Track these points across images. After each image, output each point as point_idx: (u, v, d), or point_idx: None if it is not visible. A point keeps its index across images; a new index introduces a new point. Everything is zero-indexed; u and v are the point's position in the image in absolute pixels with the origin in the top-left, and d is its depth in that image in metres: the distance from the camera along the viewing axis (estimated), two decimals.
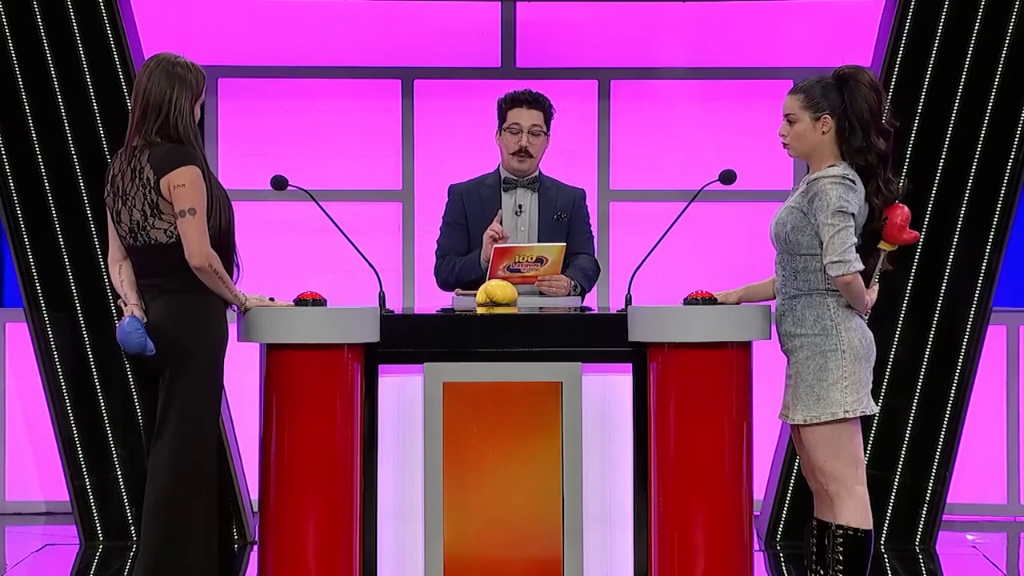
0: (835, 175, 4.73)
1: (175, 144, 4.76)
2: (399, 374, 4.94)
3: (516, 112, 5.80)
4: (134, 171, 4.77)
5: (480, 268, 5.63)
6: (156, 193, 4.74)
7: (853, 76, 4.79)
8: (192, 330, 4.78)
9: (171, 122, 4.77)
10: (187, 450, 4.77)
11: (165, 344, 4.77)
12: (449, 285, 5.78)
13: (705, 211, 7.14)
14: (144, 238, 4.78)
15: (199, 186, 4.74)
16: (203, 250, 4.72)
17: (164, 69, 4.81)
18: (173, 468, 4.77)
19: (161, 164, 4.74)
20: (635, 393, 4.94)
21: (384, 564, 4.95)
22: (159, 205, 4.74)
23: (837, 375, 4.73)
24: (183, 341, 4.77)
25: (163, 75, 4.80)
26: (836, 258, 4.67)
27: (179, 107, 4.78)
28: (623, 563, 4.96)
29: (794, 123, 4.83)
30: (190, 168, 4.73)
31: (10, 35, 6.82)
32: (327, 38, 7.65)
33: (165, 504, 4.77)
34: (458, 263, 5.76)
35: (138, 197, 4.76)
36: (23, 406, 7.60)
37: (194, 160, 4.75)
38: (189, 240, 4.71)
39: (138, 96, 4.82)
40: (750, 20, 7.64)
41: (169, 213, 4.74)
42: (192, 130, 4.80)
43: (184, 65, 4.83)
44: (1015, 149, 6.81)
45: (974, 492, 7.48)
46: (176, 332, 4.77)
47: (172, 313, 4.78)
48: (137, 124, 4.81)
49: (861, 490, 4.80)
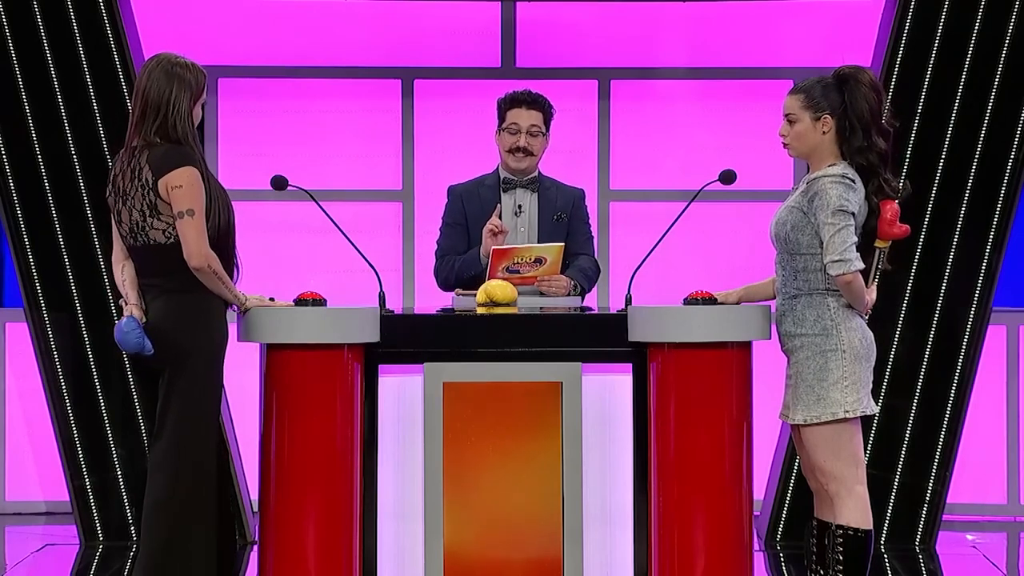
0: (835, 174, 4.73)
1: (173, 145, 4.76)
2: (399, 374, 4.94)
3: (515, 112, 5.80)
4: (133, 172, 4.77)
5: (480, 264, 5.63)
6: (155, 194, 4.74)
7: (853, 76, 4.79)
8: (191, 330, 4.78)
9: (170, 122, 4.77)
10: (186, 450, 4.77)
11: (164, 344, 4.77)
12: (449, 285, 5.78)
13: (705, 211, 7.14)
14: (143, 238, 4.78)
15: (197, 187, 4.74)
16: (202, 251, 4.72)
17: (164, 69, 4.80)
18: (172, 469, 4.77)
19: (159, 165, 4.73)
20: (635, 393, 4.94)
21: (384, 564, 4.95)
22: (157, 206, 4.74)
23: (837, 375, 4.73)
24: (181, 341, 4.77)
25: (162, 75, 4.79)
26: (836, 257, 4.67)
27: (178, 107, 4.78)
28: (623, 563, 4.96)
29: (794, 123, 4.83)
30: (188, 169, 4.73)
31: (10, 35, 6.82)
32: (327, 38, 7.65)
33: (164, 505, 4.77)
34: (457, 262, 5.77)
35: (137, 198, 4.76)
36: (23, 406, 7.60)
37: (192, 161, 4.75)
38: (188, 241, 4.71)
39: (138, 96, 4.81)
40: (750, 20, 7.64)
41: (167, 214, 4.74)
42: (191, 130, 4.80)
43: (184, 65, 4.82)
44: (1015, 149, 6.81)
45: (974, 492, 7.48)
46: (175, 332, 4.77)
47: (171, 313, 4.78)
48: (136, 124, 4.81)
49: (861, 490, 4.80)
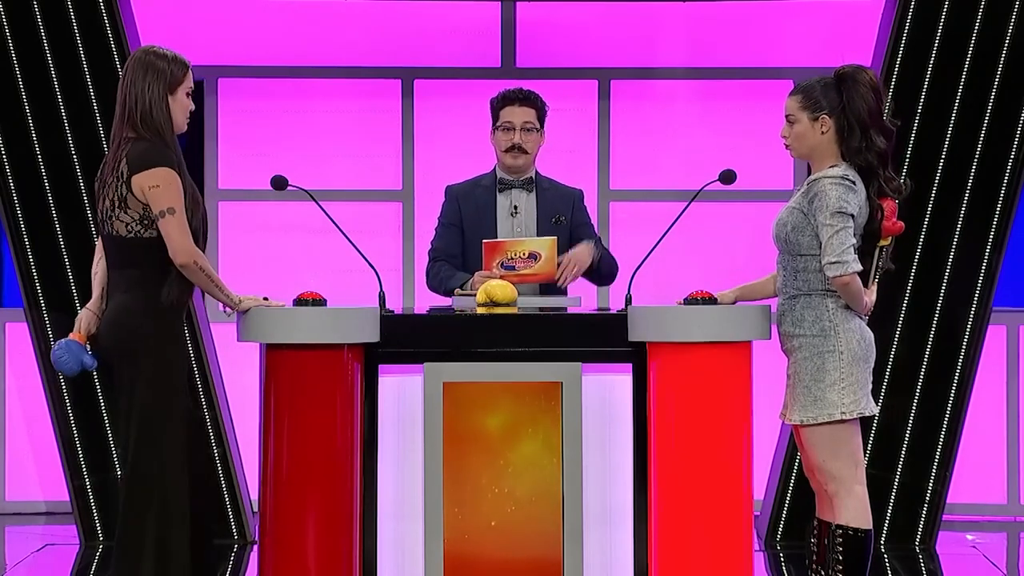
0: (835, 175, 4.73)
1: (152, 141, 4.74)
2: (399, 374, 4.94)
3: (508, 110, 5.79)
4: (115, 162, 4.77)
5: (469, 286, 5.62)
6: (126, 188, 4.72)
7: (852, 76, 4.78)
8: (136, 328, 4.73)
9: (140, 114, 4.74)
10: (137, 452, 4.71)
11: (109, 338, 4.75)
12: (436, 292, 5.78)
13: (705, 211, 7.14)
14: (108, 228, 4.77)
15: (175, 185, 4.71)
16: (186, 247, 4.69)
17: (139, 60, 4.79)
18: (125, 472, 4.76)
19: (136, 162, 4.71)
20: (635, 393, 4.94)
21: (384, 564, 4.95)
22: (127, 200, 4.72)
23: (835, 376, 4.73)
24: (123, 338, 4.72)
25: (138, 67, 4.78)
26: (834, 258, 4.67)
27: (150, 98, 4.75)
28: (623, 563, 4.96)
29: (794, 124, 4.83)
30: (163, 169, 4.70)
31: (10, 35, 6.82)
32: (327, 38, 7.65)
33: (121, 511, 4.74)
34: (448, 279, 5.73)
35: (111, 187, 4.75)
36: (23, 406, 7.60)
37: (167, 161, 4.72)
38: (171, 239, 4.69)
39: (120, 89, 4.82)
40: (750, 20, 7.64)
41: (134, 209, 4.72)
42: (165, 124, 4.76)
43: (159, 55, 4.79)
44: (1015, 149, 6.81)
45: (974, 492, 7.48)
46: (120, 329, 4.74)
47: (120, 309, 4.75)
48: (118, 116, 4.81)
49: (860, 490, 4.80)
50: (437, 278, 5.78)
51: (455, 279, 5.68)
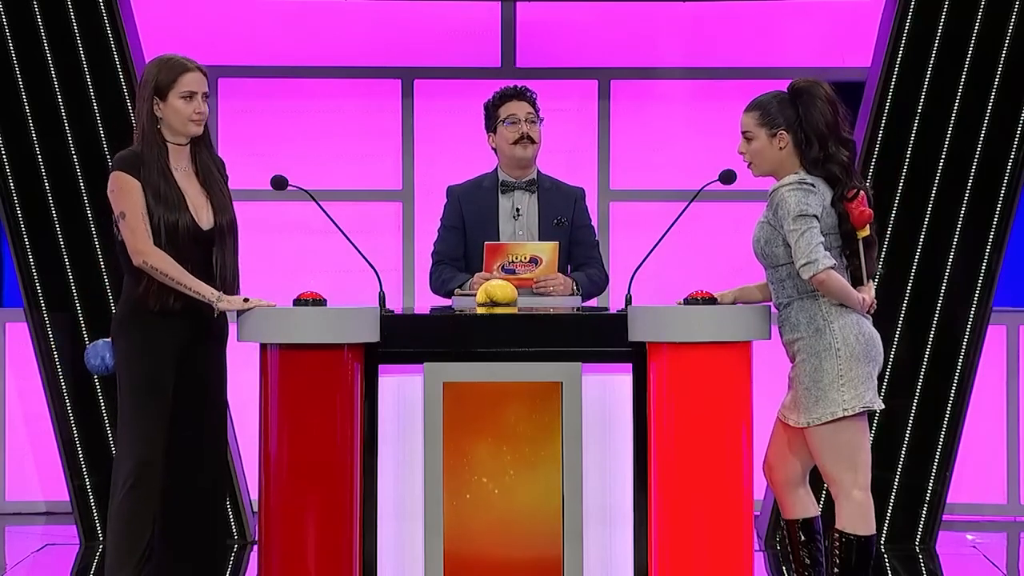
0: (791, 182, 4.76)
1: (134, 147, 4.85)
2: (399, 374, 4.94)
3: (509, 105, 5.81)
4: None
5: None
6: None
7: (807, 90, 4.80)
8: (116, 335, 4.90)
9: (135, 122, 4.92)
10: (118, 461, 4.89)
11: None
12: (439, 295, 5.78)
13: (705, 211, 7.14)
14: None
15: (125, 188, 4.79)
16: (136, 247, 4.78)
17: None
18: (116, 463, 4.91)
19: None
20: (635, 393, 4.94)
21: (384, 564, 4.95)
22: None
23: (832, 374, 4.73)
24: (114, 342, 4.90)
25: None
26: (804, 260, 4.68)
27: (138, 107, 4.89)
28: (623, 563, 4.96)
29: (751, 140, 4.85)
30: (114, 173, 4.82)
31: (10, 35, 6.82)
32: (327, 38, 7.65)
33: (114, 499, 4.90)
34: (451, 281, 5.73)
35: None
36: (23, 406, 7.60)
37: (122, 164, 4.81)
38: (126, 242, 4.82)
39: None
40: (750, 20, 7.64)
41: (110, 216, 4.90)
42: (149, 131, 4.84)
43: (152, 62, 4.90)
44: (1015, 149, 6.81)
45: (974, 492, 7.48)
46: (113, 334, 4.93)
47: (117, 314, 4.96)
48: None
49: (859, 495, 4.78)
50: (439, 281, 5.79)
51: (455, 280, 5.69)
